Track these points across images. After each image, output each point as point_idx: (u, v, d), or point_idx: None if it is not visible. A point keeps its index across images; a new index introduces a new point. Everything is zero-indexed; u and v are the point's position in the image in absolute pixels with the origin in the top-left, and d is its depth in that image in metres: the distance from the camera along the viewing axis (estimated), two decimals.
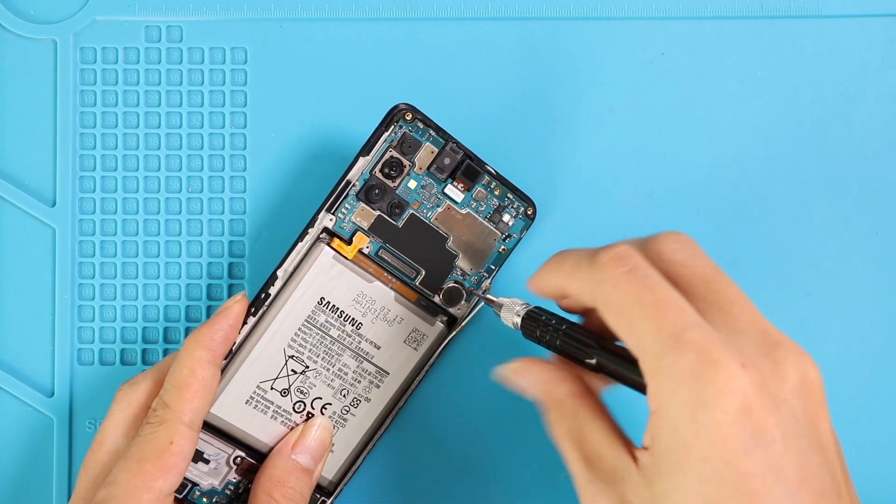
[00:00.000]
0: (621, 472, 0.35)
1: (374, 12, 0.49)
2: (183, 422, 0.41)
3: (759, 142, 0.49)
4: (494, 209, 0.45)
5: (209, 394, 0.42)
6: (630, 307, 0.34)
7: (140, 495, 0.40)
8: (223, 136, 0.49)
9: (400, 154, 0.44)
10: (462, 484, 0.48)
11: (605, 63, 0.49)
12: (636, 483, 0.34)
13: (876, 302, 0.48)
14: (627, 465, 0.35)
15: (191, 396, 0.41)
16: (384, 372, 0.45)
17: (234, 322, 0.43)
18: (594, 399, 0.38)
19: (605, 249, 0.36)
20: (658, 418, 0.33)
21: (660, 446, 0.33)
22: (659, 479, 0.33)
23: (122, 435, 0.43)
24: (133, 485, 0.40)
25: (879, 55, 0.49)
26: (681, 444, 0.32)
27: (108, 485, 0.40)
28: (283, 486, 0.43)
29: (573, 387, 0.38)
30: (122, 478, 0.40)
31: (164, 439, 0.41)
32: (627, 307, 0.34)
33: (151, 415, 0.42)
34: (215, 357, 0.42)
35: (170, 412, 0.41)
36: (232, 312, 0.43)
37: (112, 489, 0.40)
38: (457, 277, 0.46)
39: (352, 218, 0.44)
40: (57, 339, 0.48)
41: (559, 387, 0.38)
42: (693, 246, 0.37)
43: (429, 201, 0.45)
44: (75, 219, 0.49)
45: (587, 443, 0.36)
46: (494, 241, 0.46)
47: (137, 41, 0.49)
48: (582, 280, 0.36)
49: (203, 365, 0.42)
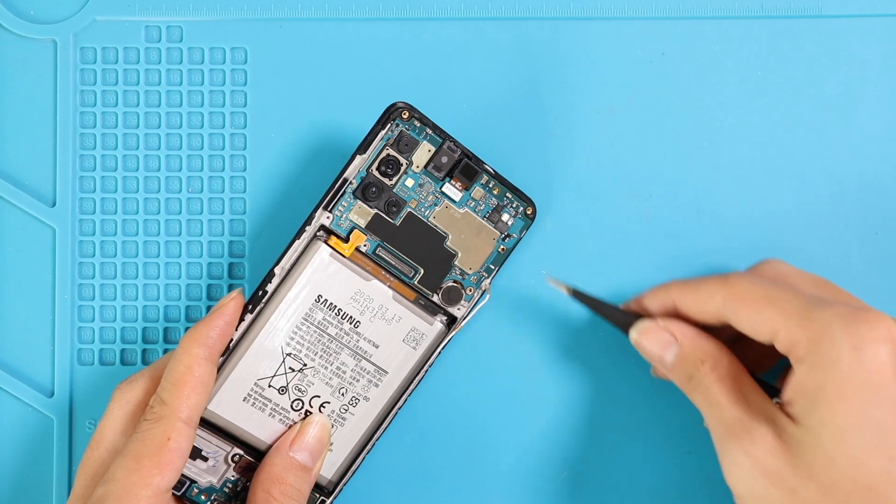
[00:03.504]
0: (771, 414, 0.39)
1: (374, 12, 0.49)
2: (180, 418, 0.41)
3: (759, 142, 0.48)
4: (493, 209, 0.45)
5: (206, 390, 0.42)
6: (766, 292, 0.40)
7: (138, 492, 0.40)
8: (223, 136, 0.49)
9: (397, 152, 0.44)
10: (463, 484, 0.48)
11: (605, 63, 0.49)
12: (785, 423, 0.38)
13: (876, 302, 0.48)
14: (774, 409, 0.39)
15: (188, 393, 0.41)
16: (383, 371, 0.45)
17: (230, 319, 0.43)
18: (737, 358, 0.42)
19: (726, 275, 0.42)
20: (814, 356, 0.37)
21: (817, 378, 0.37)
22: (817, 409, 0.37)
23: (120, 433, 0.43)
24: (131, 481, 0.40)
25: (879, 55, 0.49)
26: (843, 371, 0.37)
27: (106, 482, 0.40)
28: (282, 483, 0.43)
29: (721, 344, 0.42)
30: (120, 475, 0.40)
31: (161, 436, 0.41)
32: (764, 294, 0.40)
33: (149, 412, 0.42)
34: (212, 354, 0.42)
35: (167, 409, 0.41)
36: (228, 309, 0.43)
37: (110, 486, 0.40)
38: (456, 277, 0.46)
39: (349, 216, 0.44)
40: (57, 339, 0.48)
41: (710, 341, 0.42)
42: (792, 265, 0.44)
43: (426, 200, 0.45)
44: (75, 219, 0.49)
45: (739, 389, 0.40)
46: (494, 240, 0.46)
47: (137, 41, 0.49)
48: (713, 296, 0.41)
49: (200, 362, 0.42)
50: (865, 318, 0.37)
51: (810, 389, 0.38)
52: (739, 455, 0.39)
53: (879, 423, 0.37)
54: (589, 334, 0.48)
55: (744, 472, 0.39)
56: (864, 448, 0.37)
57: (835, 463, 0.37)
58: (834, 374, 0.37)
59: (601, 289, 0.48)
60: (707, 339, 0.42)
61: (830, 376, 0.37)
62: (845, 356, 0.37)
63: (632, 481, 0.48)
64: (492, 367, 0.48)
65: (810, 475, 0.37)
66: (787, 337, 0.39)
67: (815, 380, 0.37)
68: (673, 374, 0.43)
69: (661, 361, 0.43)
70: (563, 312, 0.48)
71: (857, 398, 0.37)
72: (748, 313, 0.40)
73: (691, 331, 0.42)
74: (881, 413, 0.37)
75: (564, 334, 0.48)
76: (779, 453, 0.38)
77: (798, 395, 0.38)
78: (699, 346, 0.42)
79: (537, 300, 0.48)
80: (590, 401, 0.48)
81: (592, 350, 0.48)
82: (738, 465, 0.39)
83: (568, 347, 0.48)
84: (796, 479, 0.37)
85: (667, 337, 0.43)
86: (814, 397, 0.37)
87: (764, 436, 0.38)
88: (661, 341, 0.43)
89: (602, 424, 0.48)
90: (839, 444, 0.37)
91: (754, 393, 0.40)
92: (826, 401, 0.37)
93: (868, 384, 0.37)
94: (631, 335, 0.44)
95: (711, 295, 0.42)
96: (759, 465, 0.38)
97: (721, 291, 0.41)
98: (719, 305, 0.41)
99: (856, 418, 0.37)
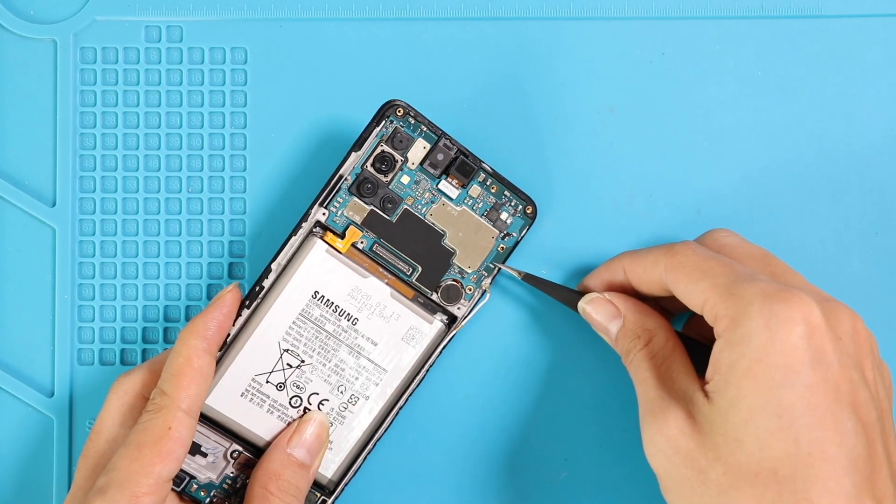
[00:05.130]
0: (690, 394, 0.39)
1: (374, 12, 0.49)
2: (180, 408, 0.41)
3: (759, 142, 0.48)
4: (491, 207, 0.45)
5: (205, 381, 0.42)
6: (702, 263, 0.40)
7: (139, 480, 0.40)
8: (223, 136, 0.49)
9: (392, 149, 0.44)
10: (463, 484, 0.48)
11: (605, 63, 0.49)
12: (700, 402, 0.38)
13: (876, 302, 0.48)
14: (696, 390, 0.39)
15: (187, 383, 0.42)
16: (382, 369, 0.45)
17: (227, 311, 0.43)
18: (676, 336, 0.42)
19: (672, 244, 0.42)
20: (730, 333, 0.37)
21: (731, 356, 0.37)
22: (728, 388, 0.37)
23: (119, 424, 0.43)
24: (132, 469, 0.40)
25: (879, 55, 0.49)
26: (755, 350, 0.37)
27: (108, 472, 0.41)
28: (279, 479, 0.43)
29: (664, 321, 0.43)
30: (122, 464, 0.41)
31: (163, 425, 0.41)
32: (699, 265, 0.40)
33: (150, 403, 0.42)
34: (210, 346, 0.43)
35: (167, 399, 0.42)
36: (225, 302, 0.43)
37: (112, 475, 0.40)
38: (455, 275, 0.46)
39: (344, 212, 0.44)
40: (57, 339, 0.48)
41: (651, 318, 0.43)
42: (740, 235, 0.44)
43: (423, 197, 0.45)
44: (75, 219, 0.49)
45: (666, 368, 0.41)
46: (493, 238, 0.46)
47: (137, 41, 0.49)
48: (657, 264, 0.42)
49: (199, 353, 0.42)
50: (785, 297, 0.37)
51: (724, 367, 0.38)
52: (655, 434, 0.39)
53: (788, 405, 0.36)
54: (590, 335, 0.47)
55: (659, 450, 0.39)
56: (770, 430, 0.36)
57: (741, 444, 0.37)
58: (746, 352, 0.37)
59: None
60: (648, 316, 0.43)
61: (743, 355, 0.37)
62: (758, 335, 0.37)
63: (632, 481, 0.48)
64: (492, 368, 0.48)
65: (718, 456, 0.37)
66: (711, 311, 0.39)
67: (728, 357, 0.37)
68: (617, 347, 0.43)
69: (608, 333, 0.44)
70: (565, 313, 0.48)
71: (766, 379, 0.36)
72: (686, 283, 0.40)
73: (635, 305, 0.43)
74: (789, 395, 0.36)
75: (565, 334, 0.48)
76: (690, 433, 0.38)
77: (714, 371, 0.38)
78: (639, 321, 0.43)
79: (538, 300, 0.48)
80: (590, 401, 0.48)
81: (593, 351, 0.48)
82: (654, 443, 0.39)
83: (569, 348, 0.48)
84: (705, 459, 0.37)
85: (612, 308, 0.43)
86: (726, 375, 0.37)
87: (677, 416, 0.38)
88: (607, 312, 0.43)
89: (603, 425, 0.48)
90: (746, 425, 0.37)
91: (682, 373, 0.40)
92: (736, 380, 0.37)
93: (778, 366, 0.36)
94: (579, 305, 0.44)
95: (656, 263, 0.42)
96: (673, 445, 0.38)
97: (664, 260, 0.41)
98: (662, 273, 0.42)
99: (764, 399, 0.36)
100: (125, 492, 0.40)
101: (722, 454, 0.37)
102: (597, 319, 0.44)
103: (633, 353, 0.42)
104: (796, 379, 0.36)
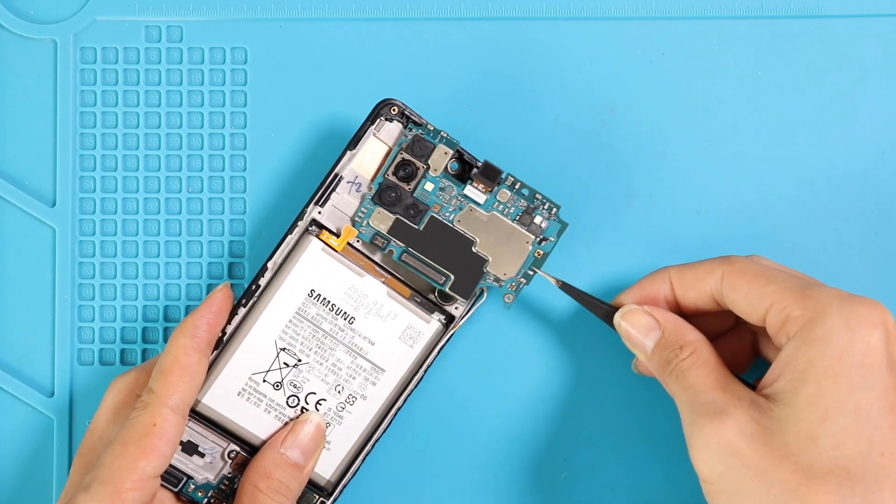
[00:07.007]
0: (748, 396, 0.39)
1: (374, 12, 0.49)
2: (167, 405, 0.42)
3: (759, 142, 0.48)
4: (524, 211, 0.45)
5: (194, 379, 0.42)
6: (765, 271, 0.41)
7: (123, 476, 0.40)
8: (223, 136, 0.49)
9: (412, 156, 0.44)
10: (463, 484, 0.48)
11: (605, 63, 0.49)
12: (763, 403, 0.38)
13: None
14: (751, 393, 0.39)
15: (174, 381, 0.42)
16: (380, 369, 0.45)
17: (217, 310, 0.43)
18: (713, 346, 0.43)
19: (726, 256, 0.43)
20: (807, 332, 0.38)
21: (808, 355, 0.38)
22: (805, 386, 0.37)
23: (111, 422, 0.43)
24: (116, 465, 0.40)
25: (879, 55, 0.49)
26: (836, 350, 0.37)
27: (95, 469, 0.41)
28: (269, 478, 0.43)
29: (703, 335, 0.43)
30: (108, 460, 0.41)
31: (148, 422, 0.41)
32: (762, 272, 0.41)
33: (138, 401, 0.42)
34: (200, 344, 0.43)
35: (154, 397, 0.42)
36: (215, 300, 0.43)
37: (97, 472, 0.41)
38: (490, 284, 0.45)
39: (370, 221, 0.44)
40: (57, 339, 0.48)
41: (692, 330, 0.43)
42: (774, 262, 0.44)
43: (450, 204, 0.44)
44: (75, 219, 0.49)
45: (715, 376, 0.41)
46: (528, 244, 0.45)
47: (137, 41, 0.49)
48: (712, 272, 0.42)
49: (187, 352, 0.42)
50: (863, 300, 0.38)
51: (799, 366, 0.38)
52: (710, 436, 0.39)
53: (865, 405, 0.37)
54: (590, 335, 0.47)
55: (713, 453, 0.39)
56: (847, 429, 0.37)
57: (815, 442, 0.37)
58: (826, 351, 0.37)
59: (601, 288, 0.48)
60: (689, 328, 0.43)
61: (822, 354, 0.38)
62: (839, 334, 0.37)
63: (632, 482, 0.48)
64: (491, 368, 0.48)
65: (787, 455, 0.37)
66: (781, 312, 0.39)
67: (805, 356, 0.38)
68: (652, 360, 0.43)
69: (643, 347, 0.43)
70: (565, 313, 0.48)
71: (846, 378, 0.37)
72: (748, 288, 0.41)
73: (674, 318, 0.43)
74: (867, 396, 0.37)
75: (566, 335, 0.48)
76: (754, 434, 0.38)
77: (785, 370, 0.38)
78: (681, 331, 0.42)
79: (538, 300, 0.48)
80: (591, 402, 0.48)
81: (594, 351, 0.48)
82: (707, 446, 0.39)
83: (569, 348, 0.48)
84: (770, 459, 0.37)
85: (650, 321, 0.43)
86: (803, 374, 0.38)
87: (738, 417, 0.38)
88: (644, 325, 0.43)
89: (603, 425, 0.48)
90: (823, 423, 0.37)
91: (730, 380, 0.40)
92: (815, 378, 0.37)
93: (858, 366, 0.37)
94: (615, 318, 0.44)
95: (711, 272, 0.42)
96: (730, 447, 0.38)
97: (721, 268, 0.42)
98: (718, 281, 0.42)
99: (843, 398, 0.37)
100: (108, 487, 0.40)
101: (792, 453, 0.37)
102: (633, 333, 0.43)
103: (674, 362, 0.42)
104: (875, 380, 0.37)
